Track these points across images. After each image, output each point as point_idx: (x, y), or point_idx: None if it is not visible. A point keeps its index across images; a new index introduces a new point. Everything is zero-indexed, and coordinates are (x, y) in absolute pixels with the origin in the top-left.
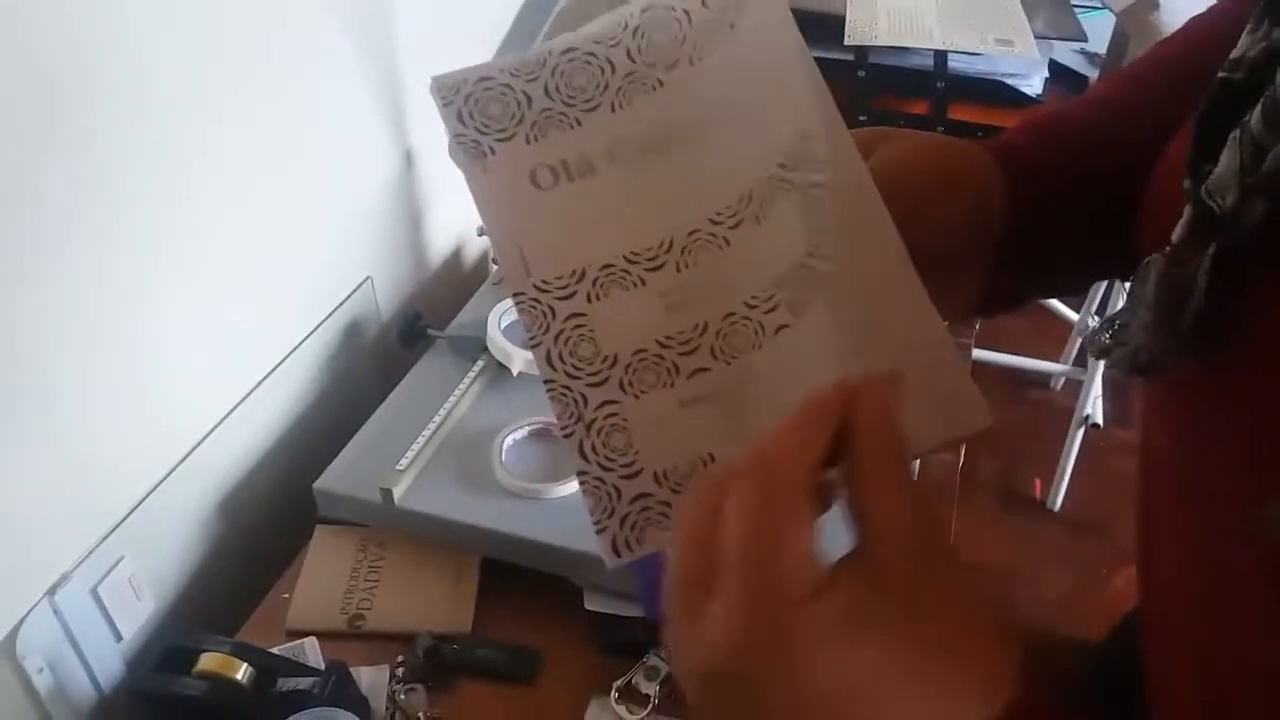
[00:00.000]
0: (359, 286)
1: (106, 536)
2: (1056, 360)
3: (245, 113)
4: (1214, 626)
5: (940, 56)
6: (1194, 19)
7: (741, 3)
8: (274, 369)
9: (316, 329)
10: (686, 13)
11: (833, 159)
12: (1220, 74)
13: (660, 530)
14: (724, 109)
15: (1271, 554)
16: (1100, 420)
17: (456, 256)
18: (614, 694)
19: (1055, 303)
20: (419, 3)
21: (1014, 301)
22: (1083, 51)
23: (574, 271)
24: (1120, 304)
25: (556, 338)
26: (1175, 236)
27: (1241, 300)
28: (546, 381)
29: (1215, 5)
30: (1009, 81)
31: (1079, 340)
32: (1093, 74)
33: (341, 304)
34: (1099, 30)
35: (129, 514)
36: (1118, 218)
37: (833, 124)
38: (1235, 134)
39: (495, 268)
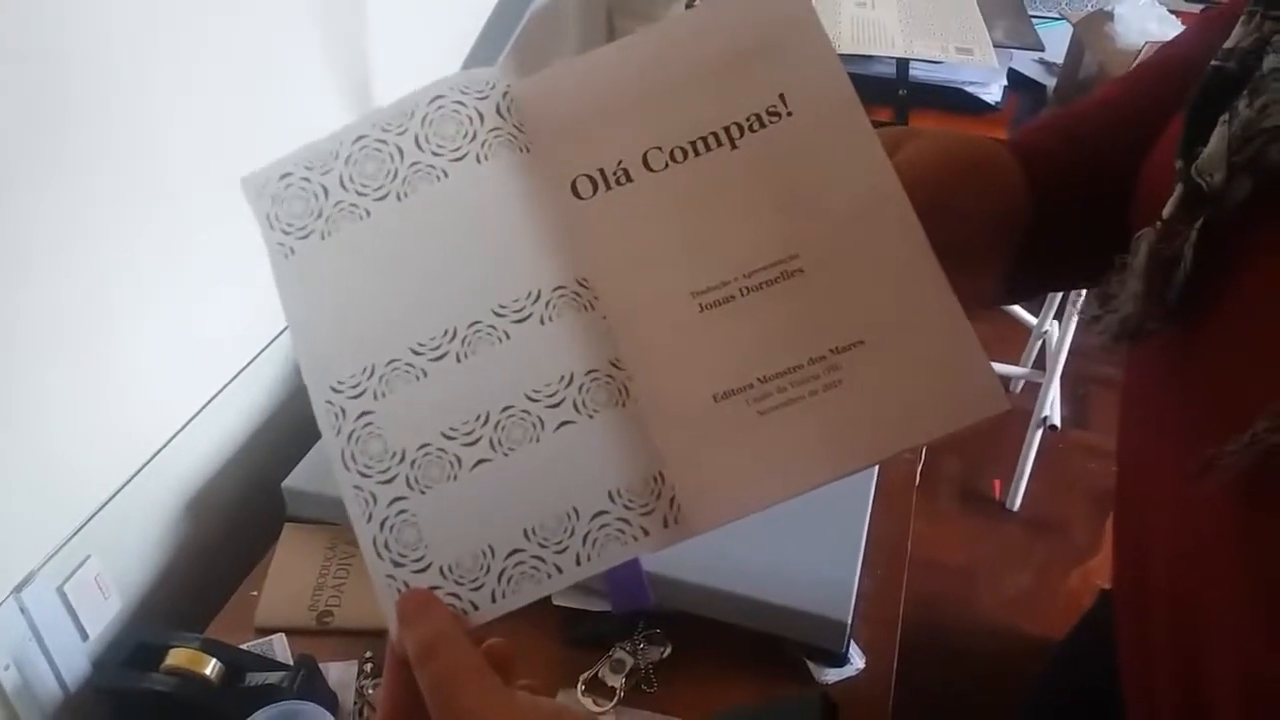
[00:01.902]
0: None
1: (73, 535)
2: (1016, 364)
3: (212, 118)
4: (1179, 551)
5: (902, 64)
6: (1200, 19)
7: (463, 153)
8: (243, 368)
9: (287, 328)
10: (480, 114)
11: (851, 157)
12: (1213, 62)
13: None
14: (502, 217)
15: (1224, 488)
16: (1058, 422)
17: None
18: (580, 687)
19: (1015, 308)
20: (389, 18)
21: (1032, 293)
22: (1041, 60)
23: (364, 369)
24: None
25: (349, 438)
26: (1166, 212)
27: (1224, 270)
28: (341, 483)
29: (1223, 5)
30: (969, 89)
31: (1038, 344)
32: (1050, 82)
33: None
34: (1056, 40)
35: (96, 512)
36: (1130, 214)
37: (858, 123)
38: (1225, 117)
39: None
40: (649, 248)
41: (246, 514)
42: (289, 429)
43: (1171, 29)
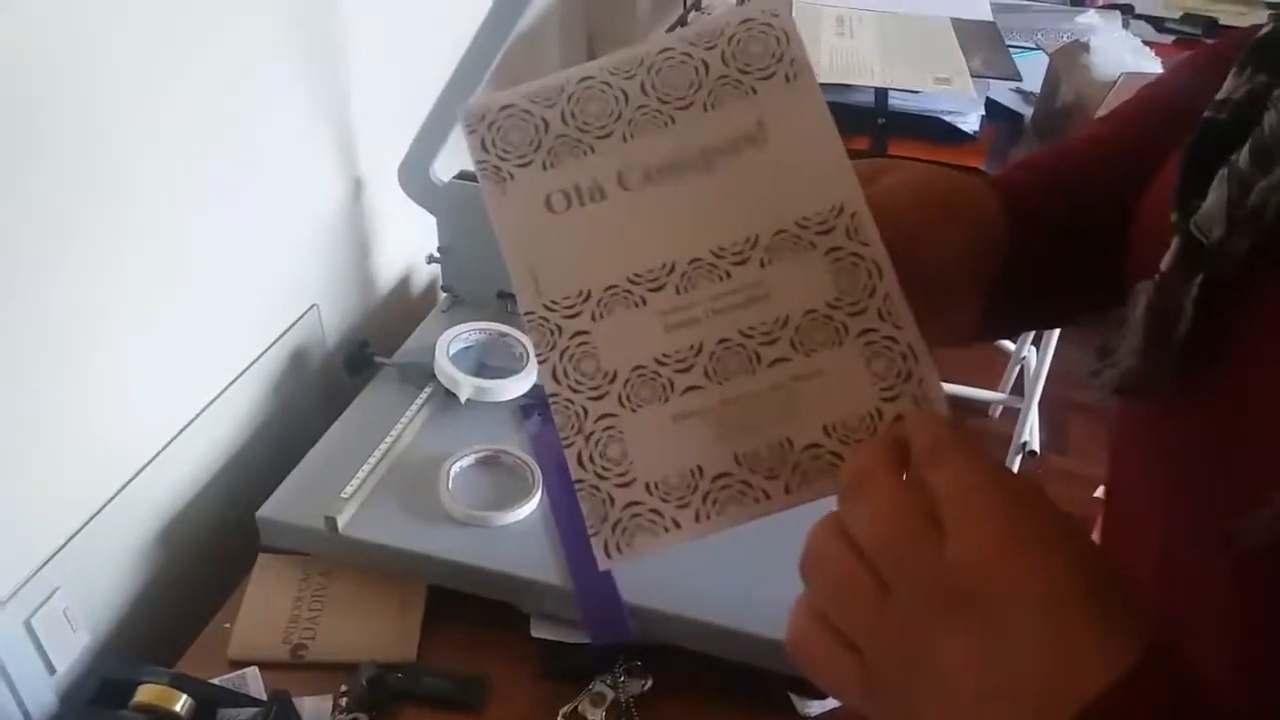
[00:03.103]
0: (305, 314)
1: (41, 566)
2: (995, 389)
3: (191, 139)
4: (1179, 628)
5: (881, 94)
6: (1184, 59)
7: (769, 73)
8: (217, 396)
9: (261, 356)
10: (705, 64)
11: (823, 182)
12: (1206, 114)
13: (649, 536)
14: (735, 157)
15: (1242, 561)
16: (1037, 448)
17: (404, 284)
18: None
19: None
20: (368, 30)
21: (1011, 331)
22: (1018, 90)
23: (580, 292)
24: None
25: (562, 354)
26: (1164, 266)
27: (1226, 327)
28: (550, 395)
29: (1205, 48)
30: (947, 118)
31: (1016, 369)
32: (1027, 112)
33: (287, 331)
34: (1033, 70)
35: (65, 544)
36: (1113, 252)
37: (833, 151)
38: (1223, 172)
39: (444, 295)
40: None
41: (220, 545)
42: (263, 458)
43: (1146, 60)
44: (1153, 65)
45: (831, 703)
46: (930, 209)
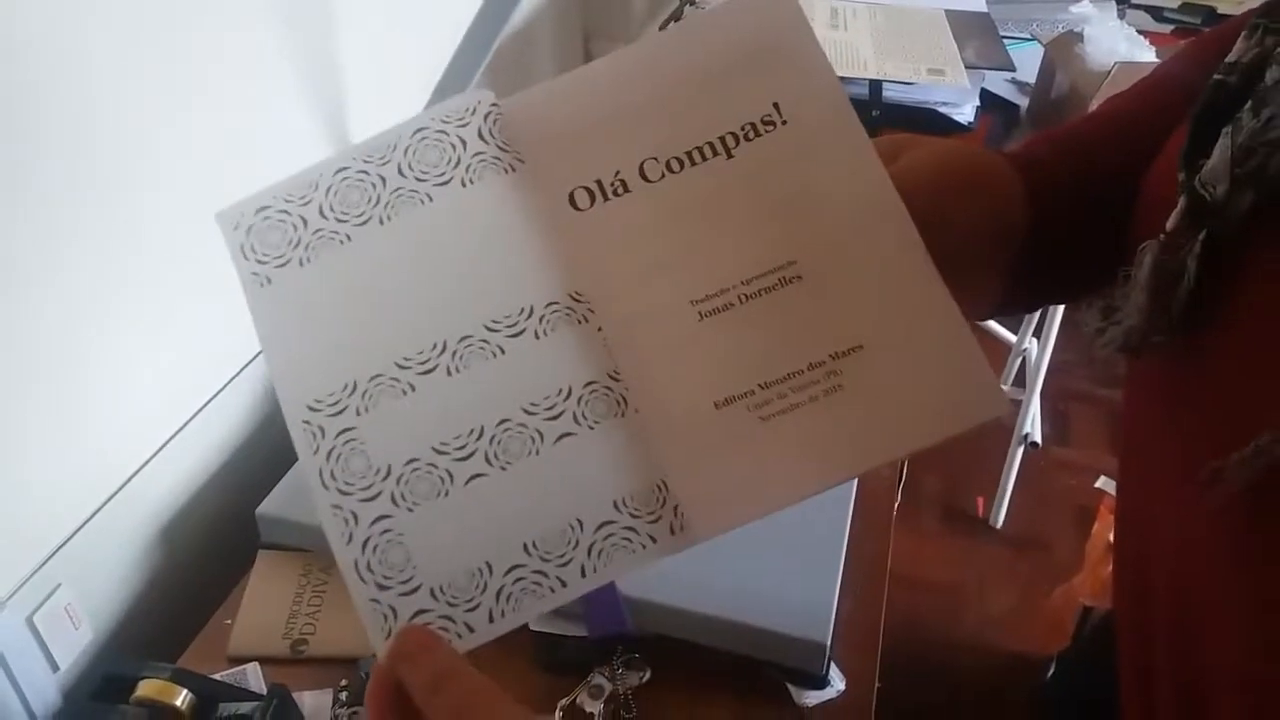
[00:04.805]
0: None
1: (43, 564)
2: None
3: (188, 141)
4: (1182, 564)
5: (875, 86)
6: (1198, 38)
7: (447, 179)
8: (217, 393)
9: (259, 355)
10: (463, 140)
11: (846, 163)
12: (1215, 76)
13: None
14: (492, 235)
15: (1229, 501)
16: (1039, 439)
17: None
18: (558, 713)
19: (994, 325)
20: (362, 33)
21: (1027, 306)
22: (1013, 81)
23: (345, 385)
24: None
25: (328, 456)
26: (1169, 224)
27: (1228, 283)
28: (319, 505)
29: (1222, 26)
30: (941, 110)
31: (1018, 361)
32: (1023, 102)
33: None
34: (1028, 60)
35: (66, 540)
36: (1128, 224)
37: (852, 129)
38: (1228, 129)
39: None
40: (648, 257)
41: (220, 541)
42: (262, 455)
43: (1140, 49)
44: (1147, 54)
45: (829, 693)
46: (950, 184)
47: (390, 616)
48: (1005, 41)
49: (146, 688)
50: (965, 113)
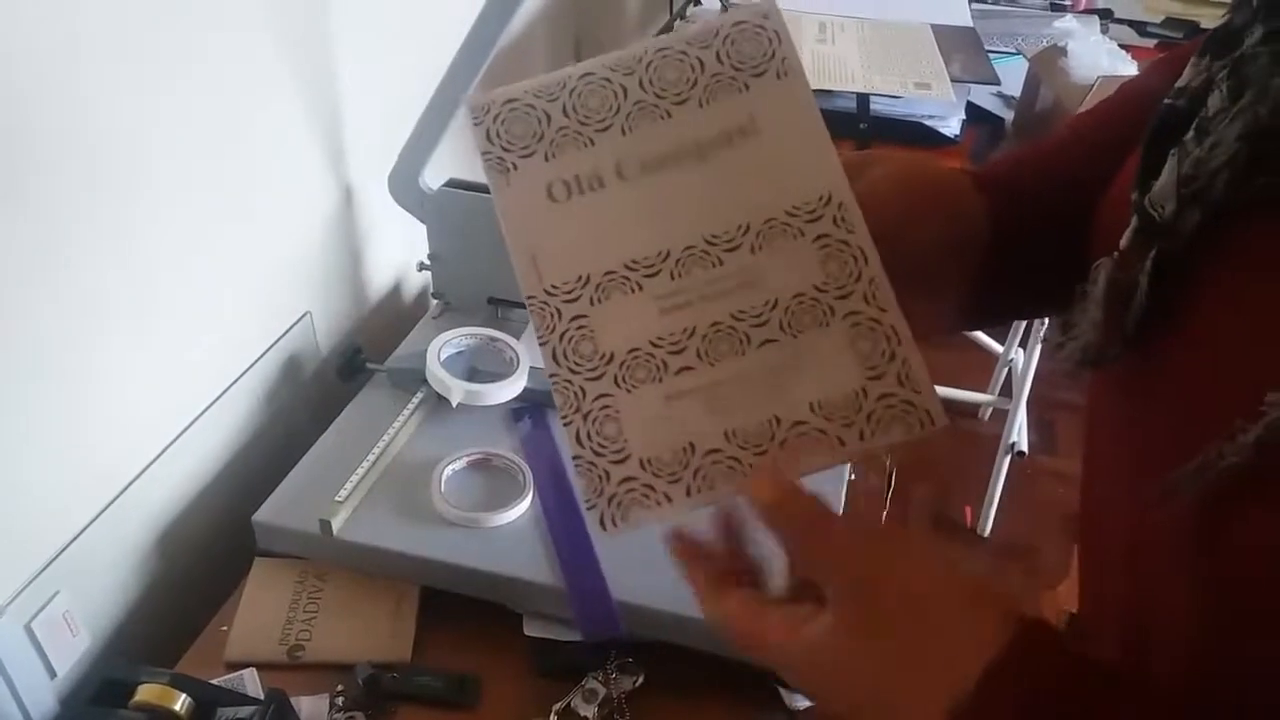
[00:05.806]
0: (298, 321)
1: (41, 571)
2: (983, 391)
3: (184, 147)
4: (1137, 578)
5: (862, 99)
6: (1160, 59)
7: (760, 70)
8: (212, 402)
9: (255, 363)
10: (700, 61)
11: (809, 170)
12: (1166, 101)
13: (643, 510)
14: (728, 150)
15: (1179, 512)
16: (1026, 449)
17: (396, 291)
18: (553, 717)
19: (981, 336)
20: (357, 40)
21: (997, 320)
22: (998, 94)
23: (579, 277)
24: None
25: (561, 337)
26: (1123, 242)
27: (1177, 298)
28: (551, 376)
29: (1181, 47)
30: (928, 123)
31: (1004, 371)
32: (1008, 115)
33: (280, 338)
34: (1013, 74)
35: (65, 548)
36: (1087, 241)
37: (820, 140)
38: (1174, 152)
39: (435, 301)
40: None
41: (217, 548)
42: (258, 463)
43: (1122, 63)
44: (1129, 68)
45: None
46: (913, 201)
47: (604, 479)
48: (990, 56)
49: (145, 693)
50: (951, 125)
